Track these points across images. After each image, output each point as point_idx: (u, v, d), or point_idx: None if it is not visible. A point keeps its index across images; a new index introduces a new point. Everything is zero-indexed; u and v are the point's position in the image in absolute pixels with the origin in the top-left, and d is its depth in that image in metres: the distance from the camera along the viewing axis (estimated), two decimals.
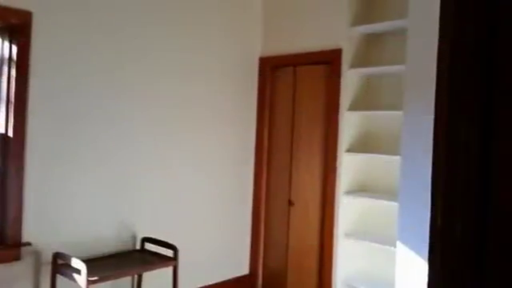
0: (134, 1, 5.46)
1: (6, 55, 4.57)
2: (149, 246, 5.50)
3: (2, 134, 4.56)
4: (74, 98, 4.95)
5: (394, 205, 4.75)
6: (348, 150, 6.05)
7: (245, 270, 7.00)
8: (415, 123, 3.14)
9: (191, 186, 6.16)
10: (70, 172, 4.96)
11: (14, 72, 4.54)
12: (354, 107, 6.08)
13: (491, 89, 1.41)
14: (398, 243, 3.25)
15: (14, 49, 4.55)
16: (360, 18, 6.12)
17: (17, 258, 4.59)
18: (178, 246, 5.26)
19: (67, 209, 4.95)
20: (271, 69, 6.92)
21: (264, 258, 6.99)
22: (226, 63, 6.56)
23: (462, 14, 1.47)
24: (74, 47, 4.94)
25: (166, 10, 5.78)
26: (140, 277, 5.49)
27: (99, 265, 4.86)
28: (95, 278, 4.45)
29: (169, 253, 5.31)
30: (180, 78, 5.97)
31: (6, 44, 4.57)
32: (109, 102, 5.26)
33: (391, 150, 5.69)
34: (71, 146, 4.95)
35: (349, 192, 6.07)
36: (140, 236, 5.57)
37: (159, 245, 5.39)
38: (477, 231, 1.42)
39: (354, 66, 6.06)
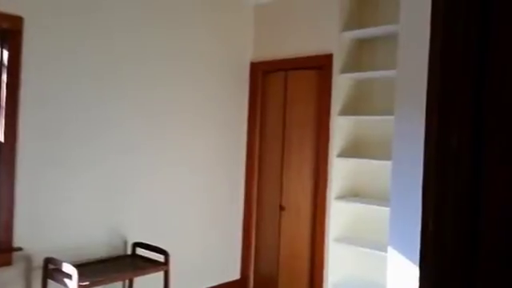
0: (126, 6, 5.46)
1: None
2: (140, 251, 5.50)
3: None
4: (65, 102, 4.95)
5: (386, 210, 4.76)
6: (339, 155, 6.06)
7: (236, 274, 7.00)
8: (406, 128, 3.15)
9: (182, 190, 6.16)
10: (62, 177, 4.96)
11: (4, 77, 4.53)
12: (345, 112, 6.09)
13: (482, 93, 1.42)
14: (389, 248, 3.26)
15: (5, 54, 4.54)
16: (351, 23, 6.14)
17: (8, 263, 4.58)
18: (169, 251, 5.26)
19: (58, 214, 4.94)
20: (262, 73, 6.93)
21: (255, 262, 6.99)
22: (218, 68, 6.56)
23: (453, 12, 1.48)
24: (65, 52, 4.94)
25: (157, 15, 5.79)
26: (131, 282, 5.48)
27: (90, 270, 4.85)
28: (86, 283, 4.44)
29: (160, 258, 5.31)
30: (172, 83, 5.97)
31: None
32: (100, 107, 5.26)
33: (382, 154, 5.71)
34: (62, 151, 4.95)
35: (340, 197, 6.08)
36: (131, 241, 5.57)
37: (150, 250, 5.38)
38: (469, 236, 1.43)
39: (345, 70, 6.07)
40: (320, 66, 6.20)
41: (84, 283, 4.41)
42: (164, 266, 5.23)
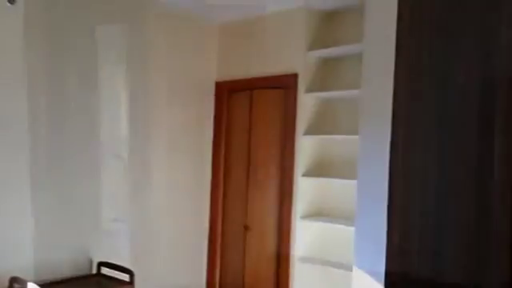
0: (89, 24, 5.45)
1: None
2: (105, 271, 5.45)
3: None
4: (32, 122, 4.92)
5: (351, 229, 4.78)
6: (304, 174, 6.08)
7: None
8: (371, 147, 3.18)
9: (147, 210, 6.13)
10: (26, 195, 4.91)
11: None
12: (310, 131, 6.11)
13: (446, 112, 1.45)
14: (354, 267, 3.28)
15: None
16: (316, 43, 6.16)
17: None
18: (134, 271, 5.23)
19: (23, 233, 4.89)
20: (227, 93, 6.93)
21: (220, 282, 6.96)
22: (182, 87, 6.55)
23: (418, 27, 1.51)
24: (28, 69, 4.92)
25: (120, 32, 5.77)
26: None
27: None
28: None
29: (125, 277, 5.27)
30: (136, 102, 5.95)
31: None
32: (64, 128, 5.23)
33: (348, 174, 5.72)
34: (25, 167, 4.91)
35: (305, 216, 6.09)
36: (96, 260, 5.52)
37: (115, 269, 5.35)
38: (433, 253, 1.45)
39: (310, 90, 6.10)
40: (285, 86, 6.23)
41: None
42: (129, 285, 5.20)
